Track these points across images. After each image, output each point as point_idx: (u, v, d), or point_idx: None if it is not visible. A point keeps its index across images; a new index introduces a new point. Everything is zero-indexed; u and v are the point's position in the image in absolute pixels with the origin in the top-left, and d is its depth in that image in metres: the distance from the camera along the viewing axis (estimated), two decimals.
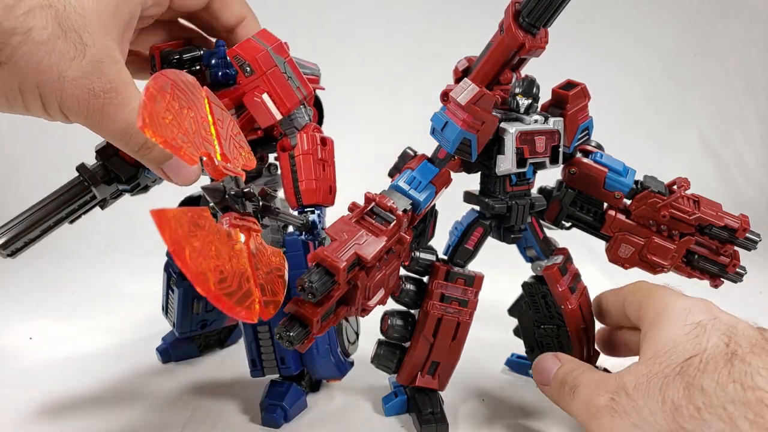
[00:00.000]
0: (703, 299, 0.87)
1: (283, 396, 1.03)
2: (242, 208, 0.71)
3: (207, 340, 1.32)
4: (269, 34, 0.98)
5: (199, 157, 0.68)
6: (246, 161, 0.79)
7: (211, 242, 0.61)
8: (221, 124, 0.76)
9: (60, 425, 1.04)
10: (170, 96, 0.66)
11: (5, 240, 0.99)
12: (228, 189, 0.69)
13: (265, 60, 0.93)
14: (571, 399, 0.88)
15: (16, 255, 1.03)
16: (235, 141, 0.79)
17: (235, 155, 0.76)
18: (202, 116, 0.73)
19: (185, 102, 0.69)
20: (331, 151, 1.01)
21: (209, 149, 0.71)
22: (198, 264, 0.57)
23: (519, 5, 0.88)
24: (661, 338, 0.81)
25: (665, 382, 0.74)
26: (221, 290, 0.59)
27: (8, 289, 1.70)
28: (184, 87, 0.70)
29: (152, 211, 0.54)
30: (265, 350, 1.02)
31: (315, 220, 0.96)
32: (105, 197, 1.06)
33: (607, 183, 1.01)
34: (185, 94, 0.70)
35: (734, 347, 0.74)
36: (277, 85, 0.94)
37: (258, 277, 0.68)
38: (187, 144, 0.66)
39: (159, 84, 0.65)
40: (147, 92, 0.63)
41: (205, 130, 0.72)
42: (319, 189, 0.97)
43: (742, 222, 1.01)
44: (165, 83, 0.66)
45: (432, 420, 1.01)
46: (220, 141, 0.74)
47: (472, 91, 0.87)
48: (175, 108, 0.66)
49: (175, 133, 0.65)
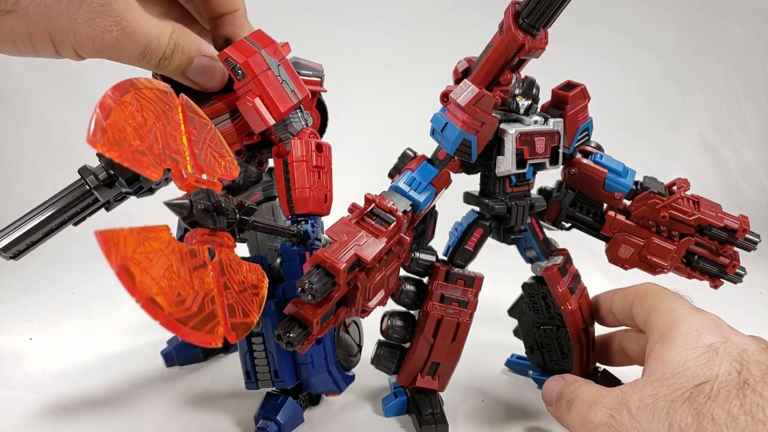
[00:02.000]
0: (714, 316, 0.85)
1: (278, 410, 1.01)
2: (212, 224, 0.67)
3: None
4: (264, 35, 0.96)
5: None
6: (225, 172, 0.76)
7: (169, 262, 0.58)
8: (196, 133, 0.74)
9: (59, 426, 1.04)
10: (132, 106, 0.64)
11: (7, 243, 0.99)
12: (195, 203, 0.65)
13: (256, 63, 0.90)
14: (568, 412, 0.86)
15: (19, 257, 1.03)
16: (214, 150, 0.76)
17: (212, 165, 0.73)
18: (172, 126, 0.70)
19: (152, 112, 0.67)
20: (327, 157, 0.97)
21: (177, 161, 0.68)
22: (148, 288, 0.54)
23: (519, 6, 0.88)
24: (670, 358, 0.79)
25: (673, 407, 0.73)
26: (177, 314, 0.56)
27: (9, 290, 1.70)
28: (152, 96, 0.68)
29: (96, 233, 0.51)
30: (259, 362, 0.99)
31: (308, 230, 0.93)
32: (108, 200, 1.06)
33: (607, 184, 1.01)
34: (152, 103, 0.68)
35: (746, 375, 0.73)
36: (270, 89, 0.91)
37: (228, 297, 0.65)
38: (148, 156, 0.63)
39: (118, 94, 0.63)
40: (103, 104, 0.60)
41: (175, 141, 0.69)
42: (313, 197, 0.93)
43: (741, 223, 1.01)
44: (126, 90, 0.64)
45: (432, 421, 1.01)
46: (193, 151, 0.71)
47: (472, 92, 0.87)
48: (137, 119, 0.64)
49: (133, 144, 0.62)
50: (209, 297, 0.62)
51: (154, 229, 0.59)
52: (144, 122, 0.65)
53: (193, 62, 0.88)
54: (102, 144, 0.58)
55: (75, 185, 1.04)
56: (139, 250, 0.55)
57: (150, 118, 0.66)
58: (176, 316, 0.56)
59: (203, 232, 0.66)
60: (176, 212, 0.65)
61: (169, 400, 1.13)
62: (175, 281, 0.58)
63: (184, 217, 0.65)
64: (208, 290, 0.62)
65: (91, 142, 0.57)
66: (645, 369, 0.82)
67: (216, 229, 0.67)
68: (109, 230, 0.53)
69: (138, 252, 0.55)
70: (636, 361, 1.05)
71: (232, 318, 0.64)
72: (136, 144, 0.62)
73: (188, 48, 0.87)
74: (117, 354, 1.32)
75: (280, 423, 1.00)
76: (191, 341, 0.58)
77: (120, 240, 0.54)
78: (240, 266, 0.70)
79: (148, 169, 0.62)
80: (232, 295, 0.66)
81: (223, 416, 1.08)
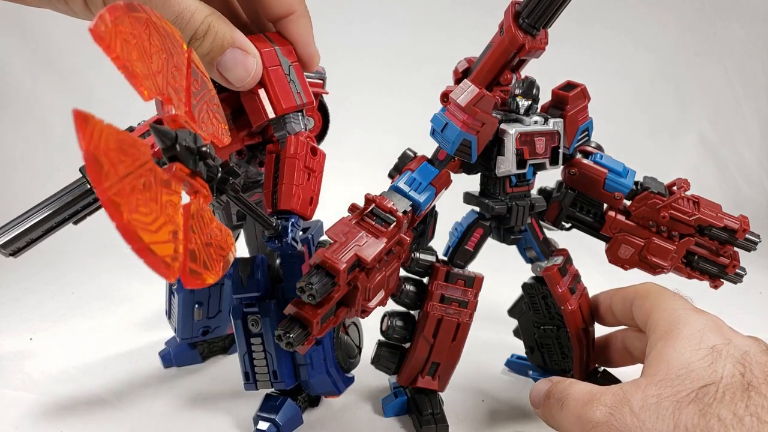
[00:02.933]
0: (714, 317, 0.85)
1: (276, 411, 1.00)
2: (193, 165, 0.62)
3: (211, 346, 1.31)
4: (280, 37, 0.97)
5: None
6: (216, 134, 0.71)
7: (141, 175, 0.52)
8: (197, 85, 0.70)
9: (60, 426, 1.04)
10: (141, 25, 0.59)
11: (7, 239, 1.00)
12: (181, 139, 0.60)
13: (269, 56, 0.90)
14: (559, 411, 0.84)
15: (19, 254, 1.03)
16: (211, 111, 0.72)
17: (204, 122, 0.69)
18: (175, 66, 0.65)
19: (158, 41, 0.62)
20: (320, 162, 0.95)
21: (173, 96, 0.63)
22: (112, 185, 0.48)
23: (519, 6, 0.88)
24: (673, 359, 0.79)
25: (678, 407, 0.73)
26: (137, 226, 0.50)
27: (8, 290, 1.70)
28: (162, 29, 0.63)
29: (74, 110, 0.45)
30: (258, 363, 0.99)
31: (287, 227, 0.88)
32: None
33: (607, 184, 1.01)
34: (161, 35, 0.63)
35: (749, 377, 0.73)
36: (276, 83, 0.91)
37: (192, 242, 0.60)
38: (147, 77, 0.58)
39: (128, 8, 0.57)
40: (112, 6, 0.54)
41: (175, 80, 0.64)
42: (298, 196, 0.89)
43: (741, 223, 1.01)
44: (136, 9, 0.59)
45: (432, 421, 1.01)
46: (189, 99, 0.67)
47: (472, 93, 0.87)
48: (142, 38, 0.59)
49: (134, 56, 0.56)
50: (173, 230, 0.56)
51: (136, 142, 0.53)
52: (150, 46, 0.60)
53: (225, 52, 0.81)
54: (103, 38, 0.52)
55: (76, 184, 1.04)
56: (113, 149, 0.49)
57: (155, 45, 0.61)
58: (135, 227, 0.50)
59: (181, 167, 0.61)
60: (159, 138, 0.59)
61: (169, 401, 1.13)
62: (142, 194, 0.52)
63: (165, 148, 0.60)
64: (174, 223, 0.57)
65: (91, 30, 0.52)
66: (646, 368, 0.82)
67: (195, 172, 0.63)
68: (89, 114, 0.47)
69: (111, 151, 0.49)
70: (639, 360, 1.04)
71: (192, 263, 0.59)
72: (136, 56, 0.57)
73: (222, 34, 0.80)
74: (117, 354, 1.32)
75: (279, 424, 0.99)
76: (147, 262, 0.52)
77: (96, 129, 0.48)
78: (210, 221, 0.65)
79: (142, 86, 0.57)
80: (196, 241, 0.61)
81: (222, 417, 1.08)
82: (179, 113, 0.63)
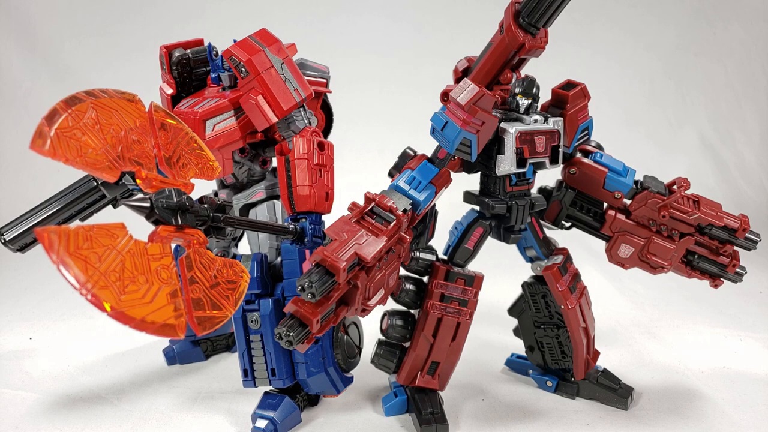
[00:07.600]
0: None
1: (274, 409, 1.00)
2: (176, 222, 0.67)
3: (214, 344, 1.31)
4: (268, 33, 0.96)
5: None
6: (201, 173, 0.75)
7: (121, 257, 0.58)
8: (165, 137, 0.74)
9: (60, 425, 1.04)
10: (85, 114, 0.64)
11: (15, 235, 1.01)
12: (156, 202, 0.66)
13: (259, 60, 0.91)
14: None
15: (26, 250, 1.05)
16: (191, 151, 0.76)
17: (184, 167, 0.74)
18: (137, 132, 0.70)
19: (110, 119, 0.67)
20: (329, 155, 0.98)
21: (141, 164, 0.68)
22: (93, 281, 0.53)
23: (519, 5, 0.88)
24: None
25: None
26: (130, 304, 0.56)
27: (8, 289, 1.70)
28: (112, 104, 0.69)
29: (36, 230, 0.50)
30: (256, 360, 0.99)
31: (305, 227, 0.93)
32: (116, 197, 1.07)
33: (607, 183, 1.01)
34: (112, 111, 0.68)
35: None
36: (273, 87, 0.92)
37: (195, 292, 0.65)
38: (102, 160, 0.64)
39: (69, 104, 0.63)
40: (50, 113, 0.60)
41: (139, 146, 0.70)
42: (314, 195, 0.94)
43: (742, 222, 1.01)
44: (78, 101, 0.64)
45: (432, 420, 1.01)
46: (161, 155, 0.71)
47: (472, 91, 0.87)
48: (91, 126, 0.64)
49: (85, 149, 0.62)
50: (171, 291, 0.62)
51: (107, 227, 0.58)
52: (100, 129, 0.65)
53: None
54: (46, 150, 0.58)
55: (83, 180, 1.05)
56: (85, 246, 0.54)
57: (107, 124, 0.66)
58: (125, 308, 0.55)
59: (167, 228, 0.67)
60: (136, 211, 0.65)
61: (170, 399, 1.13)
62: (126, 274, 0.57)
63: (146, 216, 0.66)
64: (171, 284, 0.62)
65: (32, 149, 0.58)
66: None
67: (182, 226, 0.68)
68: (49, 228, 0.52)
69: (83, 248, 0.54)
70: None
71: (198, 311, 0.65)
72: (90, 147, 0.62)
73: None
74: (117, 353, 1.32)
75: (276, 422, 0.99)
76: (149, 333, 0.58)
77: (62, 236, 0.53)
78: (213, 262, 0.70)
79: (103, 172, 0.63)
80: (200, 289, 0.66)
81: (223, 415, 1.08)
82: (151, 175, 0.68)
